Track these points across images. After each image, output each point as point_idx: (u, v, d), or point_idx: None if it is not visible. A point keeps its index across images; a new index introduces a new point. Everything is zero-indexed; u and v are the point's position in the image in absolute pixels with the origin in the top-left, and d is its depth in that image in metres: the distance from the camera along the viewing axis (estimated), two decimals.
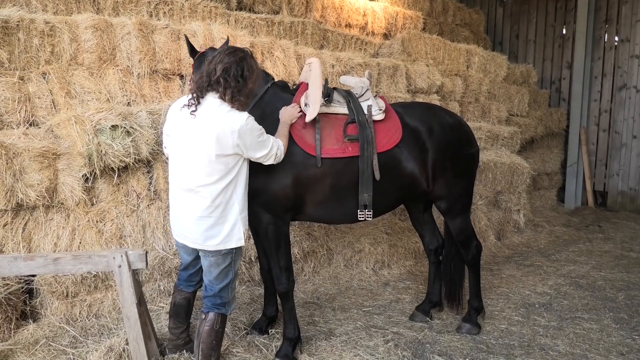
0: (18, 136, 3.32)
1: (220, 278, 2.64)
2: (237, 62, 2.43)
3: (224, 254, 2.59)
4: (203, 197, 2.48)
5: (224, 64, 2.42)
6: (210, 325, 2.63)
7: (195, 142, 2.45)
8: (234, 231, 2.55)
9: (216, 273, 2.62)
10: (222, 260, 2.60)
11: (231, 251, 2.60)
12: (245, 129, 2.43)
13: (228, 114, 2.44)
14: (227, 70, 2.41)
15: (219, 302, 2.66)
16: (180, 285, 2.92)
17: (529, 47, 9.46)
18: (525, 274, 4.87)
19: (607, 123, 8.60)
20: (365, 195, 3.00)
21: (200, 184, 2.47)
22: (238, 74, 2.42)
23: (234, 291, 2.73)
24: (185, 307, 2.93)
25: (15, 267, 2.66)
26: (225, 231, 2.53)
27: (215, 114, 2.43)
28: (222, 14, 5.03)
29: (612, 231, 6.88)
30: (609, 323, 3.73)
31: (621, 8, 8.36)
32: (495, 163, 6.17)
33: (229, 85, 2.42)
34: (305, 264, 4.50)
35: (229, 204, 2.52)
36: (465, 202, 3.46)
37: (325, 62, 5.01)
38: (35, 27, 3.65)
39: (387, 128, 3.12)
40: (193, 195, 2.51)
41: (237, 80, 2.42)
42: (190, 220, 2.54)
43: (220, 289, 2.65)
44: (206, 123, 2.43)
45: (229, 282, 2.66)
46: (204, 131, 2.43)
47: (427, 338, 3.40)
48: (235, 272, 2.68)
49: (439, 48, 6.55)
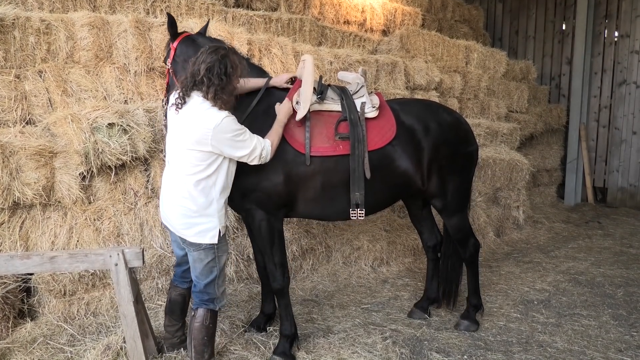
0: (14, 135, 3.31)
1: (205, 274, 2.67)
2: (219, 59, 2.47)
3: (205, 248, 2.62)
4: (183, 185, 2.55)
5: (206, 63, 2.47)
6: (200, 321, 2.66)
7: (178, 137, 2.56)
8: (208, 227, 2.58)
9: (200, 268, 2.66)
10: (204, 256, 2.63)
11: (212, 247, 2.62)
12: (219, 127, 2.46)
13: (206, 112, 2.49)
14: (211, 70, 2.46)
15: (207, 298, 2.69)
16: (175, 281, 2.96)
17: (529, 43, 9.43)
18: (524, 271, 4.87)
19: (607, 119, 8.58)
20: (357, 194, 2.99)
21: (182, 173, 2.56)
22: (221, 71, 2.46)
23: (222, 287, 2.74)
24: (180, 304, 2.94)
25: (12, 265, 2.66)
26: (201, 225, 2.57)
27: (195, 111, 2.51)
28: (219, 11, 5.00)
29: (612, 227, 6.88)
30: (607, 319, 3.73)
31: (621, 3, 8.33)
32: (495, 159, 6.16)
33: (212, 83, 2.47)
34: (304, 261, 4.50)
35: (207, 198, 2.56)
36: (462, 200, 3.44)
37: (323, 58, 4.99)
38: (31, 25, 3.64)
39: (381, 126, 3.10)
40: (175, 183, 2.59)
41: (221, 78, 2.47)
42: (171, 206, 2.62)
43: (206, 284, 2.68)
44: (187, 120, 2.52)
45: (214, 278, 2.68)
46: (185, 127, 2.52)
47: (425, 335, 3.40)
48: (220, 269, 2.70)
49: (437, 44, 6.52)
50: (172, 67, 2.92)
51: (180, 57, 2.89)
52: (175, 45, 2.92)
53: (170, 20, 2.95)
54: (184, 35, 2.97)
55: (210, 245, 2.61)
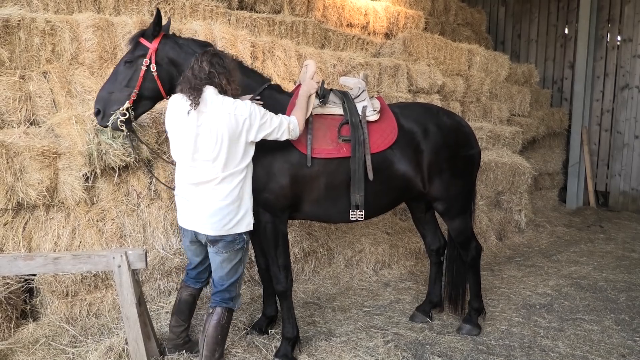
0: (19, 135, 3.32)
1: (231, 274, 2.74)
2: (213, 54, 2.61)
3: (237, 249, 2.69)
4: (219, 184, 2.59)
5: (206, 61, 2.57)
6: (217, 320, 2.71)
7: (207, 136, 2.55)
8: (244, 215, 2.69)
9: (228, 269, 2.72)
10: (234, 256, 2.71)
11: (242, 246, 2.72)
12: (254, 113, 2.60)
13: (234, 104, 2.59)
14: (212, 64, 2.57)
15: (228, 297, 2.75)
16: (188, 281, 2.97)
17: (531, 47, 9.43)
18: (526, 275, 4.86)
19: (609, 123, 8.58)
20: (357, 196, 3.02)
21: (215, 176, 2.58)
22: (222, 63, 2.60)
23: (241, 287, 2.83)
24: (190, 304, 2.97)
25: (15, 266, 2.67)
26: (238, 216, 2.66)
27: (222, 107, 2.57)
28: (223, 13, 5.02)
29: (614, 232, 6.87)
30: (610, 324, 3.72)
31: (624, 8, 8.34)
32: (497, 163, 6.15)
33: (221, 72, 2.58)
34: (306, 263, 4.50)
35: (241, 191, 2.65)
36: (464, 203, 3.44)
37: (326, 61, 5.00)
38: (36, 26, 3.65)
39: (382, 129, 3.12)
40: (206, 187, 2.60)
41: (224, 67, 2.60)
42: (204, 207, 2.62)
43: (230, 284, 2.75)
44: (215, 117, 2.55)
45: (239, 277, 2.78)
46: (215, 125, 2.55)
47: (427, 339, 3.40)
48: (243, 268, 2.80)
49: (440, 48, 6.53)
50: (157, 70, 2.77)
51: (164, 60, 2.78)
52: (157, 46, 2.78)
53: (158, 17, 2.78)
54: (163, 35, 2.85)
55: (241, 244, 2.69)
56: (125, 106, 2.77)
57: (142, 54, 2.78)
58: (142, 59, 2.77)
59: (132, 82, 2.78)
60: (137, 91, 2.79)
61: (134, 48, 2.81)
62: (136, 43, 2.81)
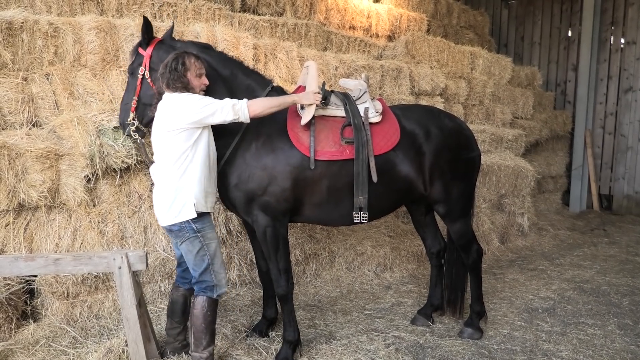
0: (21, 137, 3.33)
1: (197, 264, 2.73)
2: (173, 58, 2.66)
3: (189, 238, 2.67)
4: (164, 172, 2.65)
5: (165, 62, 2.67)
6: (199, 309, 2.72)
7: (155, 128, 2.70)
8: (187, 204, 2.63)
9: (191, 259, 2.73)
10: (191, 246, 2.69)
11: (196, 235, 2.67)
12: (187, 100, 2.62)
13: (172, 95, 2.66)
14: (166, 65, 2.65)
15: (204, 286, 2.75)
16: (177, 282, 3.00)
17: (534, 49, 9.41)
18: (528, 278, 4.83)
19: (612, 126, 8.54)
20: (361, 198, 3.01)
21: (163, 164, 2.65)
22: (172, 67, 2.63)
23: (220, 274, 2.78)
24: (181, 305, 2.95)
25: (16, 267, 2.68)
26: (179, 204, 2.63)
27: (164, 101, 2.68)
28: (225, 15, 5.03)
29: (618, 235, 6.82)
30: (613, 329, 3.69)
31: (627, 10, 8.31)
32: (500, 166, 6.13)
33: (167, 75, 2.64)
34: (307, 266, 4.49)
35: (182, 179, 2.62)
36: (465, 206, 3.43)
37: (328, 64, 5.00)
38: (39, 28, 3.67)
39: (385, 131, 3.11)
40: (155, 180, 2.72)
41: (171, 71, 2.62)
42: (156, 197, 2.71)
43: (200, 274, 2.74)
44: (160, 111, 2.68)
45: (207, 266, 2.74)
46: (158, 117, 2.67)
47: (428, 342, 3.38)
48: (211, 256, 2.74)
49: (443, 50, 6.52)
50: (151, 76, 2.82)
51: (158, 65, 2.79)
52: (150, 52, 2.83)
53: (146, 24, 2.81)
54: (157, 41, 2.89)
55: (191, 232, 2.66)
56: (131, 115, 2.90)
57: (140, 62, 2.87)
58: (139, 67, 2.86)
59: (135, 91, 2.89)
60: (137, 98, 2.89)
61: (134, 58, 2.93)
62: (135, 53, 2.92)
